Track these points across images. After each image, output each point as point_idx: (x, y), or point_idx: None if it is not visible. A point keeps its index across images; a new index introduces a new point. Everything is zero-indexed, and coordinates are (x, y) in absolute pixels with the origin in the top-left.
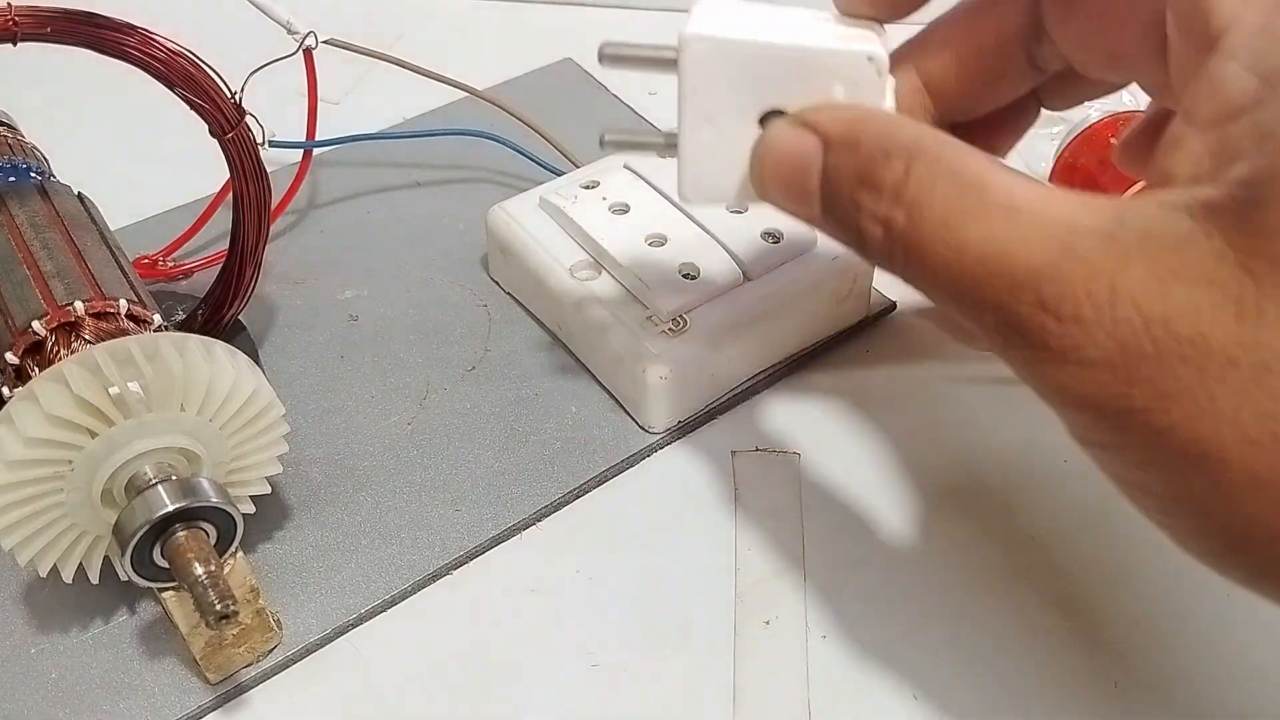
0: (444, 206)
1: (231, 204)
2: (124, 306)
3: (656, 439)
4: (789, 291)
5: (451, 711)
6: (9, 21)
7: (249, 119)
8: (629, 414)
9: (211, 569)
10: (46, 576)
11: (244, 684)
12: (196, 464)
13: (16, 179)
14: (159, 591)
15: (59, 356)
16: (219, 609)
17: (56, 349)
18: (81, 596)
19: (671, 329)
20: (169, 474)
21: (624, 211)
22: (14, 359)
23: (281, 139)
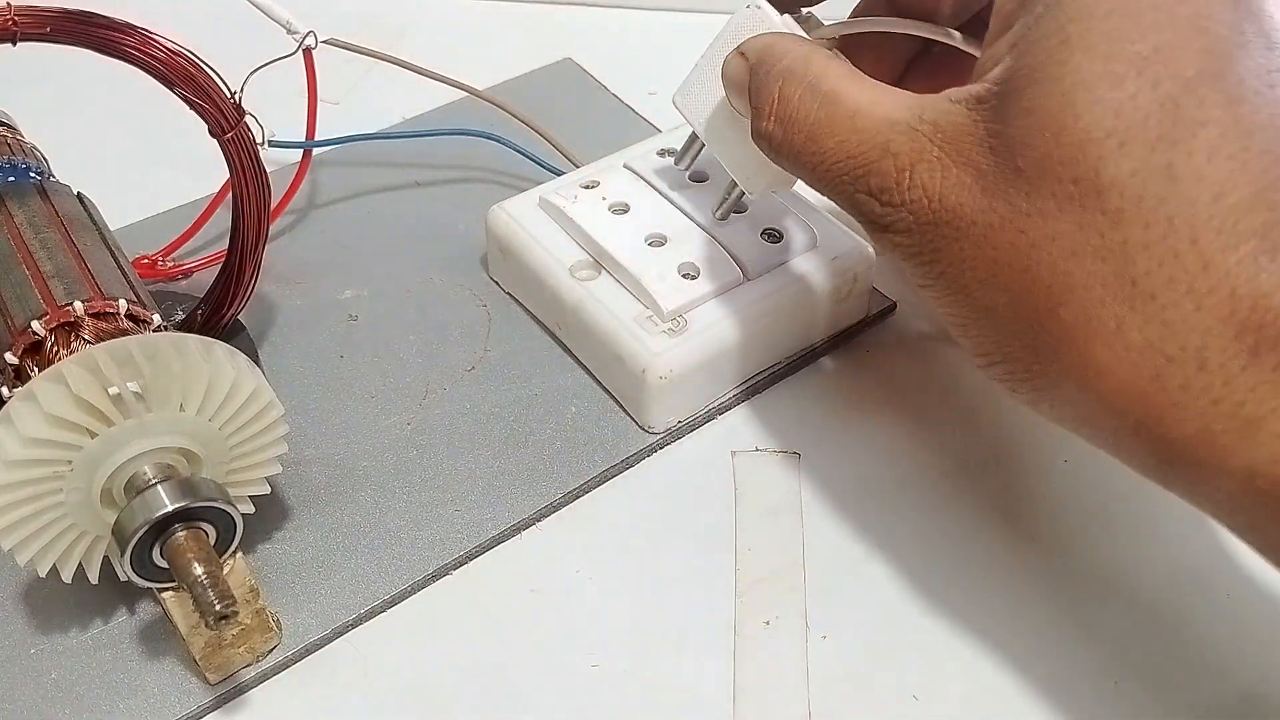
0: (444, 206)
1: (231, 204)
2: (124, 306)
3: (656, 439)
4: (789, 291)
5: (451, 712)
6: (9, 21)
7: (249, 119)
8: (629, 414)
9: (211, 569)
10: (46, 577)
11: (243, 684)
12: (196, 464)
13: (16, 179)
14: (158, 592)
15: (58, 356)
16: (219, 609)
17: (56, 349)
18: (81, 597)
19: (671, 329)
20: (169, 474)
21: (624, 211)
22: (13, 359)
23: (281, 139)
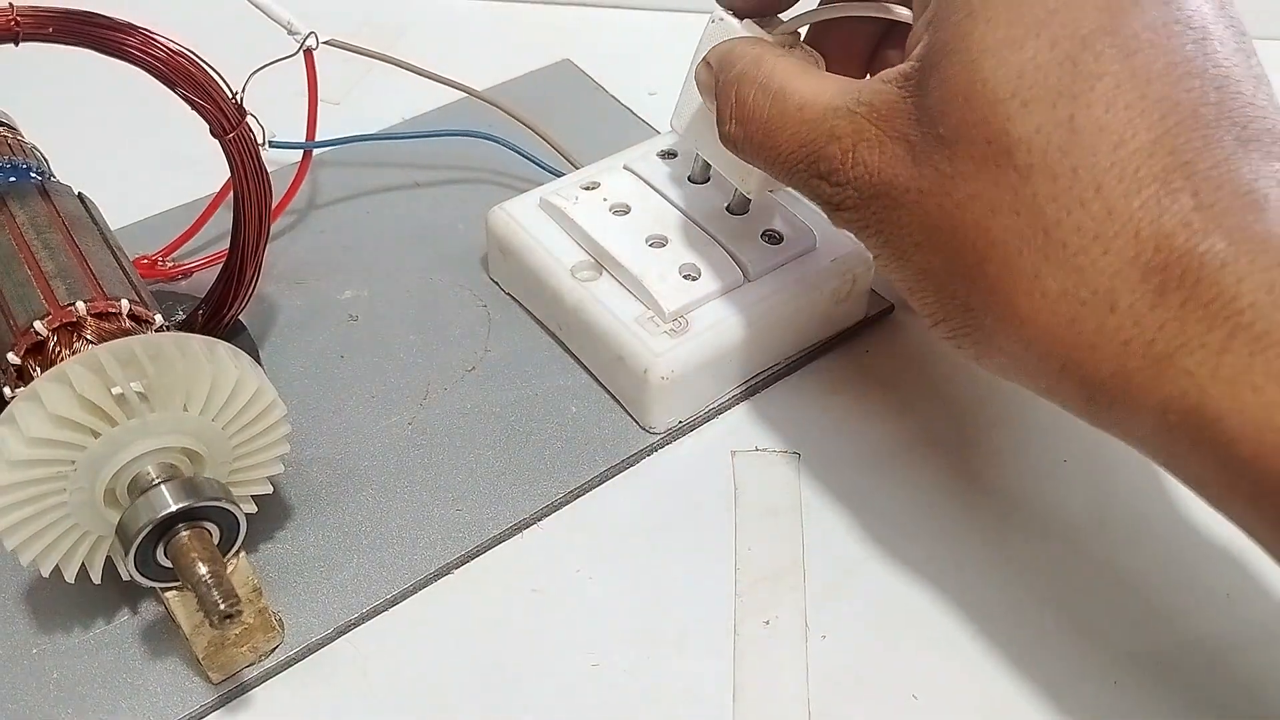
0: (444, 206)
1: (232, 204)
2: (126, 306)
3: (656, 439)
4: (789, 292)
5: (452, 711)
6: (11, 21)
7: (249, 119)
8: (629, 414)
9: (216, 569)
10: (49, 577)
11: (246, 683)
12: (199, 464)
13: (17, 179)
14: (162, 591)
15: (61, 356)
16: (223, 609)
17: (59, 349)
18: (84, 596)
19: (672, 329)
20: (172, 474)
21: (624, 212)
22: (16, 359)
23: (282, 139)
